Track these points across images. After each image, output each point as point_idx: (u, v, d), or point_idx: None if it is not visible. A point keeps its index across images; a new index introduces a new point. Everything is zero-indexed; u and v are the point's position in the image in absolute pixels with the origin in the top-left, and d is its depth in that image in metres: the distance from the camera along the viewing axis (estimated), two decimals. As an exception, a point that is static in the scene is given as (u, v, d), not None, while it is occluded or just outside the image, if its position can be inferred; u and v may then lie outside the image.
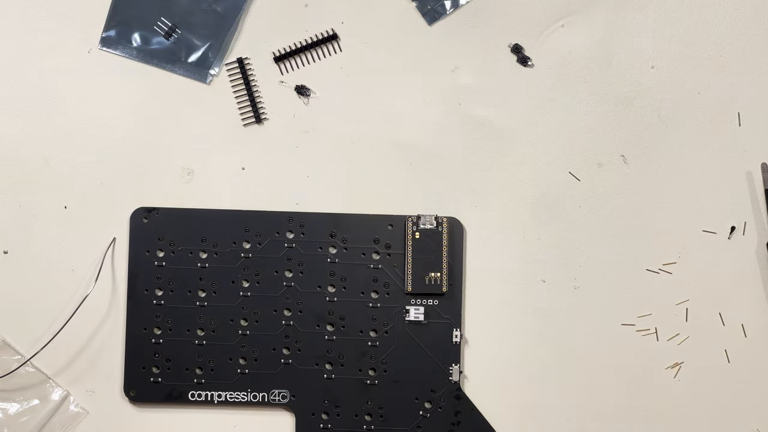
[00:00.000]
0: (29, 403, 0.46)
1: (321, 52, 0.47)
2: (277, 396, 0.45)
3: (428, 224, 0.45)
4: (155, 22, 0.47)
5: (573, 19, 0.47)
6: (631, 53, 0.47)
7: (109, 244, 0.46)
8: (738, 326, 0.46)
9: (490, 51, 0.47)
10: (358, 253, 0.46)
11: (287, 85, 0.47)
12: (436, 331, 0.45)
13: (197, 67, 0.47)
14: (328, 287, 0.46)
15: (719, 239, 0.46)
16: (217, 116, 0.47)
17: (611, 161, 0.47)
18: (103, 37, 0.47)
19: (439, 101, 0.47)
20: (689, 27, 0.47)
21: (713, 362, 0.46)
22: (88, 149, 0.46)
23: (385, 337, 0.45)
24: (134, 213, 0.46)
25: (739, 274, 0.46)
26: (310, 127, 0.47)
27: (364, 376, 0.45)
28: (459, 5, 0.47)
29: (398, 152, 0.47)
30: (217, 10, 0.47)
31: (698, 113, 0.47)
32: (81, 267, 0.46)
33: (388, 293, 0.45)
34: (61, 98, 0.47)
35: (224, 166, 0.47)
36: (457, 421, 0.45)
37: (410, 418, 0.45)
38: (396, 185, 0.46)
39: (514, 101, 0.47)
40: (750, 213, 0.46)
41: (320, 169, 0.47)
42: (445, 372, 0.45)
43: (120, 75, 0.47)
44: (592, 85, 0.47)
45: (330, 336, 0.45)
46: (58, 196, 0.46)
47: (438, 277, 0.45)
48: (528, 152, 0.47)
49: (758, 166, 0.46)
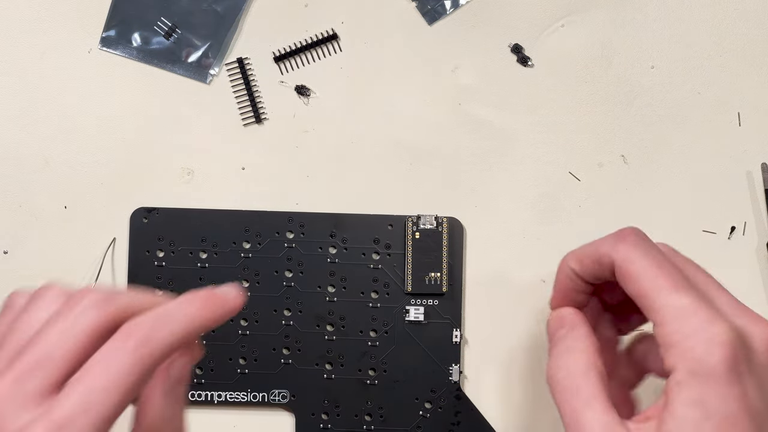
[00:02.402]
0: (29, 403, 0.46)
1: (321, 52, 0.47)
2: (277, 396, 0.45)
3: (428, 224, 0.45)
4: (155, 22, 0.47)
5: (573, 19, 0.47)
6: (631, 53, 0.47)
7: (109, 244, 0.46)
8: (738, 326, 0.46)
9: (490, 51, 0.47)
10: (358, 253, 0.46)
11: (287, 85, 0.47)
12: (436, 331, 0.45)
13: (197, 66, 0.47)
14: (328, 287, 0.46)
15: (719, 239, 0.46)
16: (217, 116, 0.47)
17: (611, 161, 0.47)
18: (103, 37, 0.47)
19: (439, 101, 0.47)
20: (689, 27, 0.47)
21: (713, 362, 0.46)
22: (88, 149, 0.46)
23: (385, 337, 0.45)
24: (134, 213, 0.46)
25: (739, 274, 0.46)
26: (310, 127, 0.47)
27: (364, 376, 0.45)
28: (459, 5, 0.47)
29: (398, 152, 0.47)
30: (217, 10, 0.47)
31: (698, 113, 0.47)
32: (81, 267, 0.46)
33: (388, 293, 0.45)
34: (61, 98, 0.47)
35: (224, 166, 0.47)
36: (456, 421, 0.45)
37: (410, 418, 0.45)
38: (396, 185, 0.46)
39: (514, 101, 0.47)
40: (750, 213, 0.46)
41: (320, 169, 0.47)
42: (445, 372, 0.45)
43: (120, 75, 0.47)
44: (592, 85, 0.47)
45: (330, 336, 0.45)
46: (58, 196, 0.46)
47: (438, 277, 0.45)
48: (528, 152, 0.47)
49: (758, 166, 0.46)
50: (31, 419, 0.28)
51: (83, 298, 0.30)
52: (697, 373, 0.32)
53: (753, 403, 0.32)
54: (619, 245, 0.35)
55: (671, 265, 0.34)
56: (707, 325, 0.32)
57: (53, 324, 0.30)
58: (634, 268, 0.34)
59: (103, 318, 0.30)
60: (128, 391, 0.29)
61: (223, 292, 0.33)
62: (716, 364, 0.32)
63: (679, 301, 0.33)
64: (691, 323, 0.32)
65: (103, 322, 0.30)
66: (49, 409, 0.28)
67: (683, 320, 0.33)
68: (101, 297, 0.30)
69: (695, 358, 0.32)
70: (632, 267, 0.34)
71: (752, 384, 0.32)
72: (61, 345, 0.29)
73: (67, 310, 0.30)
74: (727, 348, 0.32)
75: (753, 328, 0.34)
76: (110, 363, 0.29)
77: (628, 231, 0.36)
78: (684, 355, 0.32)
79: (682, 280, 0.34)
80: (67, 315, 0.30)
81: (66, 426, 0.28)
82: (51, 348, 0.29)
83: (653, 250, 0.35)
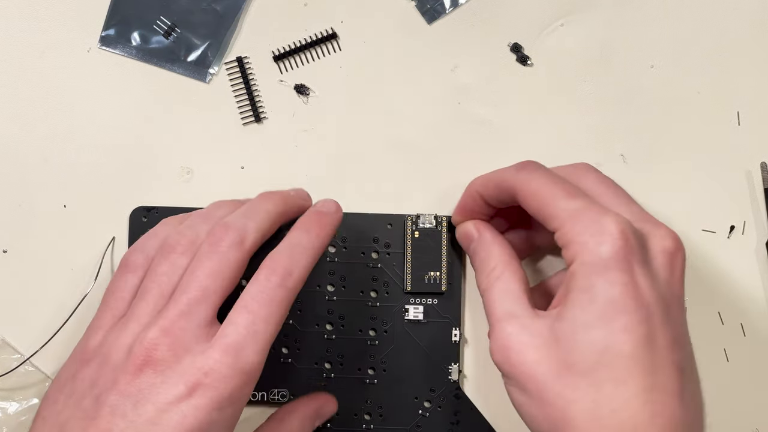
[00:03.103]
0: (28, 403, 0.46)
1: (320, 51, 0.47)
2: (277, 395, 0.45)
3: (427, 223, 0.45)
4: (155, 21, 0.47)
5: (572, 19, 0.47)
6: (631, 53, 0.47)
7: (109, 243, 0.46)
8: (737, 326, 0.46)
9: (490, 50, 0.47)
10: (358, 252, 0.46)
11: (287, 84, 0.47)
12: (436, 331, 0.45)
13: (197, 66, 0.47)
14: (328, 286, 0.46)
15: (719, 239, 0.46)
16: (217, 115, 0.47)
17: (611, 160, 0.47)
18: (102, 36, 0.47)
19: (438, 100, 0.47)
20: (689, 27, 0.47)
21: (712, 361, 0.46)
22: (87, 148, 0.46)
23: (384, 336, 0.45)
24: (133, 212, 0.46)
25: (739, 273, 0.46)
26: (310, 126, 0.47)
27: (363, 375, 0.45)
28: (458, 4, 0.47)
29: (398, 151, 0.47)
30: (217, 9, 0.47)
31: (698, 113, 0.47)
32: (80, 266, 0.46)
33: (387, 292, 0.45)
34: (61, 97, 0.47)
35: (223, 165, 0.47)
36: (456, 420, 0.45)
37: (409, 417, 0.45)
38: (395, 184, 0.46)
39: (513, 100, 0.47)
40: (749, 212, 0.46)
41: (319, 169, 0.47)
42: (445, 371, 0.45)
43: (119, 74, 0.47)
44: (592, 84, 0.47)
45: (329, 335, 0.45)
46: (58, 196, 0.46)
47: (437, 276, 0.45)
48: (527, 151, 0.47)
49: (758, 165, 0.46)
50: (207, 345, 0.34)
51: (222, 240, 0.36)
52: (587, 262, 0.35)
53: (642, 293, 0.35)
54: (520, 171, 0.39)
55: (566, 181, 0.38)
56: (597, 218, 0.36)
57: (201, 266, 0.36)
58: (533, 185, 0.38)
59: (243, 254, 0.36)
60: (282, 316, 0.36)
61: (326, 209, 0.40)
62: (604, 252, 0.35)
63: (572, 204, 0.37)
64: (583, 220, 0.36)
65: (243, 258, 0.36)
66: (221, 336, 0.34)
67: (576, 219, 0.36)
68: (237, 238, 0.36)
69: (587, 249, 0.35)
70: (531, 185, 0.38)
71: (644, 277, 0.35)
72: (214, 281, 0.35)
73: (212, 252, 0.36)
74: (615, 238, 0.35)
75: (653, 230, 0.37)
76: (265, 296, 0.35)
77: (527, 161, 0.40)
78: (577, 248, 0.36)
79: (575, 189, 0.38)
80: (212, 256, 0.36)
81: (241, 350, 0.34)
82: (207, 284, 0.35)
83: (549, 172, 0.39)
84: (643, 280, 0.35)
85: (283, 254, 0.37)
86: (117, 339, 0.36)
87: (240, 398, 0.35)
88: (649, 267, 0.36)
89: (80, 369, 0.36)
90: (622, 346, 0.34)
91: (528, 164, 0.40)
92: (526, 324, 0.37)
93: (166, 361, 0.34)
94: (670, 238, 0.37)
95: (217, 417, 0.34)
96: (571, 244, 0.36)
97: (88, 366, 0.36)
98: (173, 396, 0.33)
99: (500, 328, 0.37)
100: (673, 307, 0.36)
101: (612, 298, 0.34)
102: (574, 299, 0.35)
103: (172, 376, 0.34)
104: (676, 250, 0.36)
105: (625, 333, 0.34)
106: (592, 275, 0.35)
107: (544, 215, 0.37)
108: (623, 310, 0.34)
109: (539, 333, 0.36)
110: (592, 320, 0.34)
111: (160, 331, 0.34)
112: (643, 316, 0.34)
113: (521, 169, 0.40)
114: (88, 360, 0.36)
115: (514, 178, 0.39)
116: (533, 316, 0.37)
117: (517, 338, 0.36)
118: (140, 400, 0.33)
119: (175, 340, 0.34)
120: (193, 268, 0.36)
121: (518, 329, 0.37)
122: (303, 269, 0.37)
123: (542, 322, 0.36)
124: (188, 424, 0.33)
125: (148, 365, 0.34)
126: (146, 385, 0.34)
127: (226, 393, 0.34)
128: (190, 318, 0.35)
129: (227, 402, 0.34)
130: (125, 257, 0.39)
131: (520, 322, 0.37)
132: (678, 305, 0.36)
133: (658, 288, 0.35)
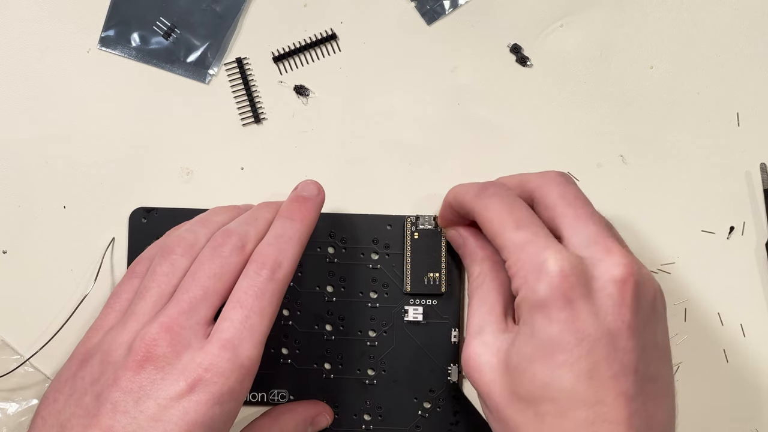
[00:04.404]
0: (28, 403, 0.46)
1: (320, 52, 0.47)
2: (276, 396, 0.45)
3: (427, 224, 0.45)
4: (154, 22, 0.47)
5: (572, 19, 0.47)
6: (630, 53, 0.47)
7: (108, 243, 0.46)
8: (737, 326, 0.46)
9: (489, 51, 0.47)
10: (357, 253, 0.46)
11: (286, 84, 0.47)
12: (435, 331, 0.45)
13: (196, 66, 0.47)
14: (327, 287, 0.46)
15: (718, 239, 0.46)
16: (216, 116, 0.47)
17: (610, 161, 0.47)
18: (102, 36, 0.47)
19: (438, 101, 0.47)
20: (688, 27, 0.47)
21: (712, 362, 0.46)
22: (87, 149, 0.46)
23: (383, 337, 0.45)
24: (133, 213, 0.46)
25: (738, 274, 0.46)
26: (309, 127, 0.47)
27: (362, 376, 0.45)
28: (458, 5, 0.47)
29: (397, 152, 0.47)
30: (216, 10, 0.47)
31: (697, 113, 0.47)
32: (80, 267, 0.46)
33: (386, 293, 0.45)
34: (60, 98, 0.47)
35: (223, 165, 0.47)
36: (455, 421, 0.45)
37: (409, 417, 0.45)
38: (395, 185, 0.46)
39: (513, 101, 0.47)
40: (749, 213, 0.46)
41: (319, 169, 0.47)
42: (444, 372, 0.45)
43: (119, 75, 0.47)
44: (591, 85, 0.47)
45: (329, 336, 0.45)
46: (57, 196, 0.46)
47: (437, 277, 0.45)
48: (527, 152, 0.47)
49: (758, 166, 0.46)
50: (206, 341, 0.35)
51: (223, 245, 0.37)
52: (527, 298, 0.36)
53: (582, 327, 0.35)
54: (479, 195, 0.39)
55: (521, 207, 0.38)
56: (539, 254, 0.36)
57: (203, 268, 0.37)
58: (487, 214, 0.38)
59: (243, 259, 0.37)
60: (276, 308, 0.36)
61: (308, 192, 0.41)
62: (541, 291, 0.35)
63: (519, 236, 0.37)
64: (526, 254, 0.36)
65: (242, 263, 0.37)
66: (218, 332, 0.35)
67: (520, 252, 0.36)
68: (238, 243, 0.37)
69: (527, 285, 0.36)
70: (486, 213, 0.39)
71: (586, 311, 0.35)
72: (215, 283, 0.36)
73: (214, 255, 0.37)
74: (553, 277, 0.35)
75: (604, 258, 0.36)
76: (257, 289, 0.36)
77: (489, 184, 0.40)
78: (520, 283, 0.36)
79: (527, 217, 0.38)
80: (215, 259, 0.37)
81: (239, 344, 0.35)
82: (208, 285, 0.36)
83: (506, 198, 0.39)
84: (585, 314, 0.35)
85: (271, 246, 0.37)
86: (117, 337, 0.36)
87: (240, 392, 0.35)
88: (593, 299, 0.35)
89: (80, 368, 0.36)
90: (562, 382, 0.34)
91: (488, 187, 0.40)
92: (488, 342, 0.38)
93: (167, 357, 0.34)
94: (621, 266, 0.35)
95: (217, 412, 0.34)
96: (515, 277, 0.36)
97: (89, 364, 0.36)
98: (174, 392, 0.34)
99: (468, 342, 0.39)
100: (621, 337, 0.35)
101: (550, 336, 0.35)
102: (520, 331, 0.36)
103: (172, 372, 0.34)
104: (626, 277, 0.35)
105: (564, 369, 0.34)
106: (533, 311, 0.35)
107: (496, 244, 0.38)
108: (561, 347, 0.34)
109: (497, 353, 0.37)
110: (534, 354, 0.35)
111: (161, 328, 0.35)
112: (584, 350, 0.34)
113: (480, 192, 0.39)
114: (88, 358, 0.36)
115: (473, 204, 0.40)
116: (498, 333, 0.38)
117: (479, 357, 0.38)
118: (142, 397, 0.34)
119: (175, 337, 0.35)
120: (195, 270, 0.37)
121: (481, 348, 0.38)
122: (292, 258, 0.38)
123: (504, 340, 0.37)
124: (189, 419, 0.34)
125: (148, 361, 0.34)
126: (147, 381, 0.34)
127: (226, 388, 0.34)
128: (190, 316, 0.35)
129: (227, 397, 0.34)
130: (131, 266, 0.40)
131: (484, 340, 0.38)
132: (629, 334, 0.35)
133: (603, 320, 0.35)
